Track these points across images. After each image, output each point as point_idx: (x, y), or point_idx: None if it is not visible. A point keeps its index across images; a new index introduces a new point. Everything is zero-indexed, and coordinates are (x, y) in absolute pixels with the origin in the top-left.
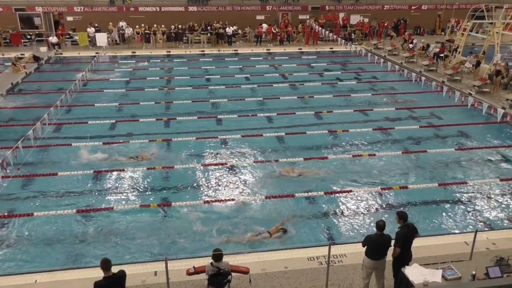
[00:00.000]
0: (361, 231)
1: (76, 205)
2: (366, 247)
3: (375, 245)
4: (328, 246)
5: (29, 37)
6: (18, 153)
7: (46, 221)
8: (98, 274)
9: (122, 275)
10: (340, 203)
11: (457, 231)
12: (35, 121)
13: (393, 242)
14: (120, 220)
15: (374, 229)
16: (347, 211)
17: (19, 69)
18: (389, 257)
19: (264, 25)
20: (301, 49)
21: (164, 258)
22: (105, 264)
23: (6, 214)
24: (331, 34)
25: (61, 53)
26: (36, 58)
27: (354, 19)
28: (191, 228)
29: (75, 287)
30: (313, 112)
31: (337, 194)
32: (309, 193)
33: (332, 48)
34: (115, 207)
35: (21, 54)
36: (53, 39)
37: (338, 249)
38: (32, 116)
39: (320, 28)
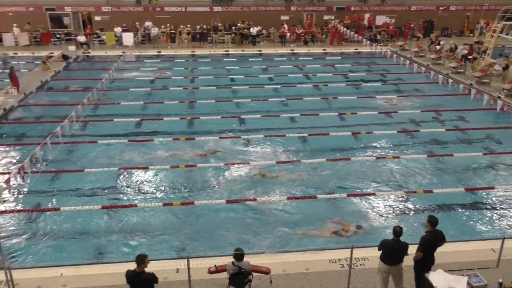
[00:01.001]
0: (384, 235)
1: (101, 201)
2: (381, 251)
3: (389, 251)
4: (350, 249)
5: (58, 36)
6: (46, 149)
7: (72, 216)
8: (122, 269)
9: (149, 278)
10: (362, 206)
11: (483, 238)
12: (63, 118)
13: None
14: (144, 217)
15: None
16: (370, 214)
17: (48, 67)
18: (411, 260)
19: (285, 26)
20: (325, 49)
21: (186, 256)
22: (136, 259)
23: (34, 208)
24: (356, 35)
25: (89, 52)
26: (65, 57)
27: (380, 19)
28: (214, 226)
29: (99, 281)
30: (337, 113)
31: (360, 197)
32: (331, 195)
33: (357, 49)
34: (139, 204)
35: (51, 53)
36: (81, 38)
37: (360, 252)
38: (60, 113)
39: (345, 29)
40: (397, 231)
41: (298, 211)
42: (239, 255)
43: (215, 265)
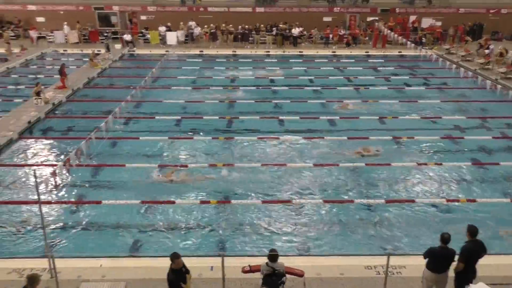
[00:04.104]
0: (422, 243)
1: (141, 196)
2: (427, 259)
3: (438, 258)
4: (386, 256)
5: (105, 34)
6: (91, 143)
7: (112, 209)
8: (158, 263)
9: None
10: (402, 213)
11: None
12: (107, 114)
13: (457, 256)
14: (180, 213)
15: (437, 241)
16: (409, 221)
17: (95, 64)
18: (451, 272)
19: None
20: (367, 52)
21: (221, 254)
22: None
23: (77, 200)
24: (400, 37)
25: (134, 50)
26: (107, 48)
27: (426, 22)
28: (249, 224)
29: (136, 274)
30: (377, 117)
31: (400, 203)
32: (367, 200)
33: (400, 52)
34: (177, 201)
35: (98, 51)
36: (127, 36)
37: (398, 260)
38: (104, 109)
39: (389, 31)
40: (446, 238)
41: (330, 215)
42: (273, 256)
43: (249, 265)
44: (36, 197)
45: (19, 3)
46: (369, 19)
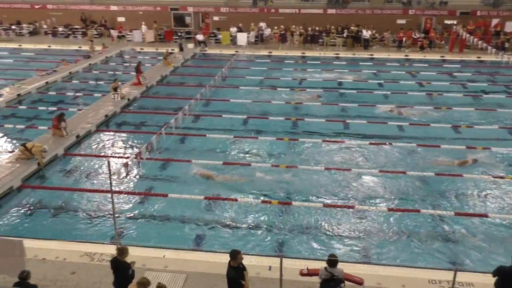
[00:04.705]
0: (493, 261)
1: (205, 191)
2: (497, 278)
3: (508, 278)
4: (453, 272)
5: (179, 34)
6: (161, 138)
7: (177, 202)
8: (218, 259)
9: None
10: (472, 227)
11: None
12: (177, 111)
13: None
14: (242, 212)
15: (510, 260)
16: (480, 236)
17: (169, 63)
18: None
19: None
20: (443, 56)
21: (279, 255)
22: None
23: (145, 192)
24: (480, 41)
25: (206, 50)
26: (180, 48)
27: (510, 26)
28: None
29: (197, 267)
30: (451, 125)
31: (469, 217)
32: (435, 211)
33: (479, 57)
34: (239, 199)
35: (172, 50)
36: (200, 37)
37: (465, 276)
38: (175, 106)
39: (467, 35)
40: None
41: (394, 224)
42: (332, 261)
43: (307, 268)
44: (108, 186)
45: (104, 3)
46: (447, 22)
